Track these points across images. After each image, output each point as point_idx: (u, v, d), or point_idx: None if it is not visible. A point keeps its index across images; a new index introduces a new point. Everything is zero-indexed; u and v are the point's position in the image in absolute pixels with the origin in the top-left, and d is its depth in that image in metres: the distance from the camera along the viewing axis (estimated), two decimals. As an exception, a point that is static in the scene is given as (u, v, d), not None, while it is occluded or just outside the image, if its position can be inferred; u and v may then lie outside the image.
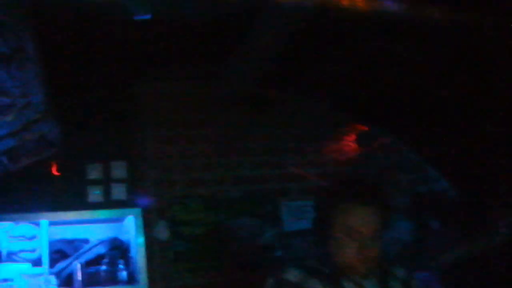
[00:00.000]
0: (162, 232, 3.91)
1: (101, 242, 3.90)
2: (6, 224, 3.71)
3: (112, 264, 3.80)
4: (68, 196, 3.71)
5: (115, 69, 3.64)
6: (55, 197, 3.67)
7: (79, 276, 3.65)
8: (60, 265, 3.78)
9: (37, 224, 3.70)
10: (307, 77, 4.12)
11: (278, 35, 3.28)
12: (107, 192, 3.82)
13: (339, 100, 4.43)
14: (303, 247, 4.04)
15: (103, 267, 3.77)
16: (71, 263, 3.75)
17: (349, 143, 4.56)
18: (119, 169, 3.88)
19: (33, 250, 3.78)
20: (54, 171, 3.67)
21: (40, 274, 3.60)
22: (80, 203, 3.74)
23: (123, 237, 4.04)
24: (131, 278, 3.84)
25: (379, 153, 4.58)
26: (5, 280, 3.52)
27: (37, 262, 3.73)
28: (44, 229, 3.68)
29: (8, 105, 2.46)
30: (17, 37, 2.05)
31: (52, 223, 3.73)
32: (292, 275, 2.04)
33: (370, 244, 1.99)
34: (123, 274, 3.81)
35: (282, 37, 3.29)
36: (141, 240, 3.82)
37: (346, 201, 2.04)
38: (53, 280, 3.67)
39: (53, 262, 3.76)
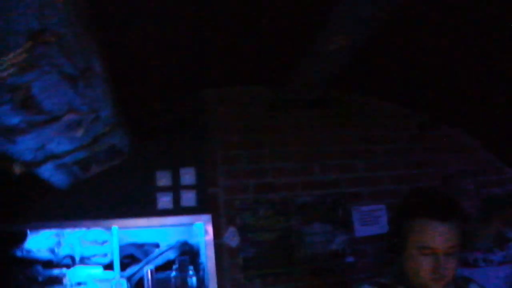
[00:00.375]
0: (232, 238, 3.88)
1: (171, 247, 3.93)
2: (80, 230, 3.78)
3: (182, 270, 3.82)
4: (138, 203, 3.73)
5: (182, 76, 3.63)
6: (126, 204, 3.70)
7: (149, 281, 3.67)
8: (131, 269, 3.83)
9: (109, 230, 3.75)
10: (378, 77, 4.00)
11: (349, 37, 3.19)
12: (176, 199, 3.82)
13: (413, 100, 4.29)
14: (374, 254, 3.94)
15: (173, 273, 3.79)
16: (141, 267, 3.80)
17: (423, 144, 4.40)
18: (188, 176, 3.87)
19: (104, 255, 3.84)
20: (125, 178, 3.70)
21: (112, 278, 3.66)
22: (150, 209, 3.76)
23: (193, 242, 4.05)
24: (201, 284, 3.84)
25: (453, 155, 4.42)
26: (79, 283, 3.59)
27: (108, 267, 3.79)
28: (115, 234, 3.72)
29: (77, 121, 2.47)
30: (84, 58, 2.04)
31: (123, 228, 3.77)
32: None
33: (446, 262, 1.93)
34: (193, 280, 3.82)
35: (353, 37, 3.20)
36: (210, 246, 3.81)
37: (420, 217, 1.97)
38: (124, 284, 3.71)
39: (124, 266, 3.82)
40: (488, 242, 3.81)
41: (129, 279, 3.79)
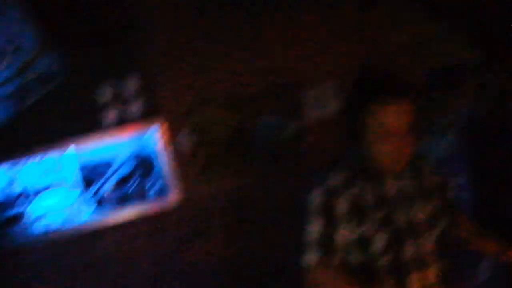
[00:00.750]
0: (185, 142, 3.85)
1: (126, 162, 3.90)
2: (31, 162, 3.70)
3: (140, 182, 3.83)
4: (85, 122, 3.63)
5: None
6: (73, 126, 3.59)
7: (110, 198, 3.67)
8: (91, 190, 3.80)
9: (60, 155, 3.67)
10: None
11: None
12: (122, 111, 3.72)
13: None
14: (328, 138, 3.94)
15: (132, 186, 3.79)
16: (100, 186, 3.77)
17: (369, 21, 4.23)
18: (130, 86, 3.74)
19: (60, 181, 3.79)
20: (66, 100, 3.55)
21: (71, 204, 3.64)
22: (97, 126, 3.66)
23: (147, 152, 4.01)
24: (161, 193, 3.86)
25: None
26: (39, 217, 3.56)
27: (68, 190, 3.77)
28: (67, 158, 3.66)
29: (-3, 54, 2.32)
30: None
31: (76, 151, 3.71)
32: (337, 179, 2.06)
33: (403, 144, 1.95)
34: (152, 189, 3.82)
35: None
36: (164, 153, 3.79)
37: (377, 99, 1.96)
38: (87, 204, 3.71)
39: (83, 188, 3.79)
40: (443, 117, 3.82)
41: (88, 200, 3.77)
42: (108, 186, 3.72)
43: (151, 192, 3.82)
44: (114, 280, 3.73)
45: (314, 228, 2.01)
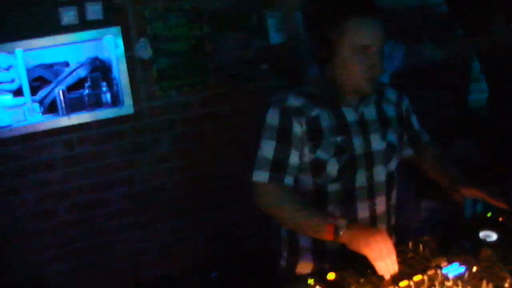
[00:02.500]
0: (144, 50, 3.76)
1: (82, 65, 3.79)
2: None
3: (95, 87, 3.74)
4: (40, 21, 3.48)
5: None
6: (27, 23, 3.45)
7: (62, 101, 3.60)
8: (42, 92, 3.72)
9: (12, 53, 3.54)
10: None
11: None
12: (81, 12, 3.57)
13: None
14: (289, 60, 3.92)
15: (86, 91, 3.72)
16: (53, 89, 3.69)
17: None
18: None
19: (12, 81, 3.70)
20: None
21: (23, 104, 3.56)
22: (54, 26, 3.52)
23: (104, 57, 3.91)
24: (115, 100, 3.81)
25: None
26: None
27: (18, 92, 3.68)
28: (20, 57, 3.53)
29: None
30: None
31: (27, 50, 3.57)
32: (295, 101, 2.03)
33: (378, 61, 1.92)
34: (107, 96, 3.77)
35: None
36: (122, 59, 3.70)
37: (353, 15, 1.90)
38: (36, 107, 3.65)
39: (34, 90, 3.71)
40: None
41: (41, 102, 3.71)
42: (62, 87, 3.62)
43: (106, 99, 3.76)
44: (61, 182, 3.74)
45: (268, 147, 2.01)
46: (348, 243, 1.80)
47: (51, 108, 3.70)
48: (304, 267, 2.15)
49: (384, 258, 1.73)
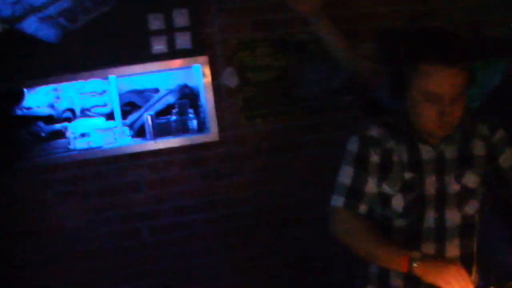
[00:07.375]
0: (230, 78, 3.85)
1: (171, 92, 3.93)
2: (77, 83, 3.78)
3: (182, 113, 3.85)
4: (132, 49, 3.64)
5: None
6: (120, 51, 3.61)
7: (150, 126, 3.73)
8: (132, 116, 3.88)
9: (106, 79, 3.74)
10: None
11: None
12: (171, 42, 3.72)
13: None
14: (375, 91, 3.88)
15: (173, 117, 3.83)
16: (142, 114, 3.84)
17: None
18: (181, 17, 3.72)
19: (104, 105, 3.89)
20: (116, 25, 3.57)
21: (114, 127, 3.72)
22: (145, 55, 3.68)
23: (192, 85, 4.04)
24: (202, 126, 3.90)
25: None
26: (82, 134, 3.66)
27: (110, 116, 3.86)
28: (113, 83, 3.72)
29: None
30: None
31: (120, 77, 3.76)
32: (375, 131, 2.04)
33: (451, 109, 1.83)
34: (194, 122, 3.87)
35: None
36: (209, 87, 3.80)
37: (425, 61, 1.82)
38: (126, 131, 3.79)
39: (125, 114, 3.88)
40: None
41: (130, 126, 3.86)
42: (151, 113, 3.77)
43: (192, 126, 3.87)
44: (145, 204, 3.86)
45: (346, 173, 2.02)
46: (422, 275, 1.76)
47: (139, 132, 3.84)
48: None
49: None
